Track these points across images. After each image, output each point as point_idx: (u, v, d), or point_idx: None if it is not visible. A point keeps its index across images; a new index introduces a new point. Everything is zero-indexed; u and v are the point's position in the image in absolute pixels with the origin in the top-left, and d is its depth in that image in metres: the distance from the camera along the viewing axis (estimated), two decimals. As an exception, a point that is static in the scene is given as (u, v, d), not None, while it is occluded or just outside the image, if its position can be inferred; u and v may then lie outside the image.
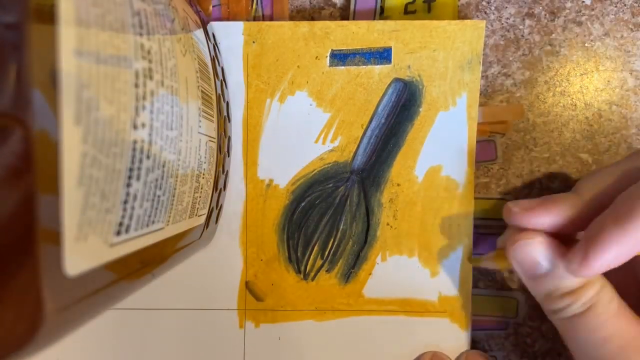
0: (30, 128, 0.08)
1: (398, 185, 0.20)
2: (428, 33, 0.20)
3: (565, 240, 0.16)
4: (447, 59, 0.20)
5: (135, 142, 0.11)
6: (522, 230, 0.16)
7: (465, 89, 0.20)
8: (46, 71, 0.08)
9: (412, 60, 0.20)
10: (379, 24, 0.20)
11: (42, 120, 0.08)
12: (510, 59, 0.21)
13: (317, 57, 0.20)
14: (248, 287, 0.20)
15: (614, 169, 0.16)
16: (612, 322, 0.14)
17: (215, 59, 0.19)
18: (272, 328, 0.21)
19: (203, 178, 0.17)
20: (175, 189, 0.14)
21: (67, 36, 0.08)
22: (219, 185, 0.19)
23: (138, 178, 0.11)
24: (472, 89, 0.20)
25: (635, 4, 0.21)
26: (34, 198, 0.08)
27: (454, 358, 0.20)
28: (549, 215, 0.15)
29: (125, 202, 0.11)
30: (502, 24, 0.21)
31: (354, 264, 0.21)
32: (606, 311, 0.14)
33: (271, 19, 0.21)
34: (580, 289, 0.15)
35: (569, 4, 0.21)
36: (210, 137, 0.17)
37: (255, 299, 0.20)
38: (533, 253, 0.15)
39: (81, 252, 0.09)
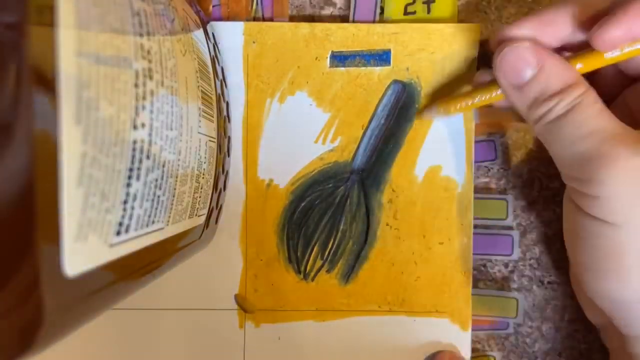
0: (30, 128, 0.08)
1: (398, 185, 0.20)
2: (426, 36, 0.20)
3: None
4: (444, 61, 0.20)
5: (135, 142, 0.11)
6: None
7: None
8: (46, 71, 0.08)
9: (410, 62, 0.20)
10: (378, 27, 0.20)
11: (42, 121, 0.08)
12: (510, 59, 0.21)
13: (317, 58, 0.20)
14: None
15: None
16: (596, 119, 0.14)
17: (215, 59, 0.19)
18: (272, 328, 0.21)
19: (203, 178, 0.17)
20: (175, 189, 0.14)
21: (67, 36, 0.08)
22: (219, 185, 0.19)
23: (138, 178, 0.11)
24: (468, 90, 0.20)
25: (635, 4, 0.21)
26: (34, 198, 0.08)
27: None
28: (532, 23, 0.16)
29: (125, 202, 0.11)
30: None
31: (354, 264, 0.21)
32: (591, 109, 0.14)
33: (271, 19, 0.21)
34: (566, 89, 0.15)
35: (569, 4, 0.21)
36: (210, 137, 0.17)
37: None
38: (519, 58, 0.15)
39: (81, 253, 0.09)
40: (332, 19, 0.21)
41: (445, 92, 0.20)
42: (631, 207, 0.14)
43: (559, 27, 0.16)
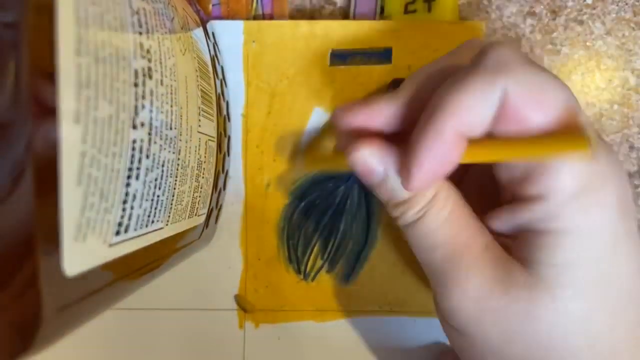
0: (29, 127, 0.08)
1: (398, 185, 0.20)
2: (428, 33, 0.20)
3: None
4: None
5: (134, 141, 0.11)
6: (356, 137, 0.15)
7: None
8: (45, 70, 0.08)
9: (412, 60, 0.20)
10: (379, 24, 0.20)
11: (41, 120, 0.08)
12: (511, 58, 0.21)
13: (317, 56, 0.20)
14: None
15: (433, 64, 0.15)
16: (441, 231, 0.14)
17: (215, 58, 0.19)
18: (272, 328, 0.21)
19: (203, 178, 0.17)
20: (174, 188, 0.14)
21: (66, 35, 0.08)
22: (218, 185, 0.19)
23: (137, 178, 0.11)
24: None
25: (636, 3, 0.21)
26: (33, 198, 0.08)
27: None
28: (368, 114, 0.15)
29: (125, 201, 0.11)
30: (504, 22, 0.21)
31: (355, 264, 0.20)
32: (436, 219, 0.14)
33: (271, 17, 0.21)
34: (412, 199, 0.14)
35: (570, 3, 0.21)
36: (210, 136, 0.17)
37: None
38: (365, 164, 0.14)
39: (80, 252, 0.09)
40: (332, 18, 0.21)
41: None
42: (475, 323, 0.13)
43: (392, 116, 0.14)
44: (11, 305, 0.08)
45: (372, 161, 0.14)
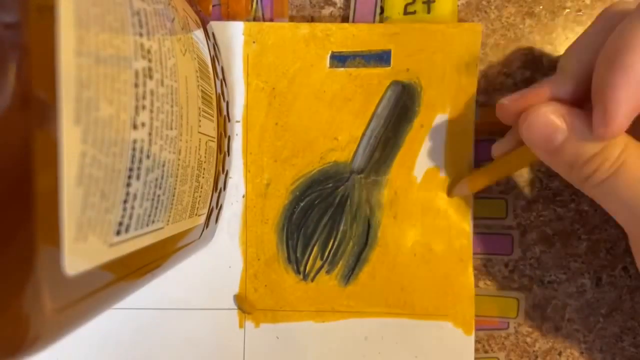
0: (29, 128, 0.08)
1: (398, 186, 0.20)
2: (427, 36, 0.20)
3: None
4: (445, 61, 0.20)
5: (135, 141, 0.11)
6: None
7: (463, 91, 0.20)
8: (46, 71, 0.08)
9: (411, 63, 0.20)
10: (379, 27, 0.20)
11: (42, 120, 0.08)
12: (511, 58, 0.21)
13: (317, 58, 0.20)
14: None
15: (588, 34, 0.15)
16: None
17: (215, 58, 0.19)
18: (272, 328, 0.21)
19: (203, 178, 0.17)
20: (175, 188, 0.14)
21: (67, 36, 0.08)
22: (218, 185, 0.19)
23: (138, 178, 0.11)
24: (469, 91, 0.20)
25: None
26: (33, 198, 0.08)
27: None
28: (539, 98, 0.15)
29: (125, 201, 0.11)
30: (503, 23, 0.21)
31: (354, 265, 0.21)
32: (638, 165, 0.13)
33: (271, 19, 0.21)
34: (604, 150, 0.14)
35: (569, 4, 0.21)
36: (210, 136, 0.17)
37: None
38: (546, 121, 0.14)
39: (81, 252, 0.09)
40: (332, 18, 0.21)
41: (446, 95, 0.20)
42: None
43: (563, 95, 0.15)
44: (11, 305, 0.08)
45: (554, 119, 0.14)
